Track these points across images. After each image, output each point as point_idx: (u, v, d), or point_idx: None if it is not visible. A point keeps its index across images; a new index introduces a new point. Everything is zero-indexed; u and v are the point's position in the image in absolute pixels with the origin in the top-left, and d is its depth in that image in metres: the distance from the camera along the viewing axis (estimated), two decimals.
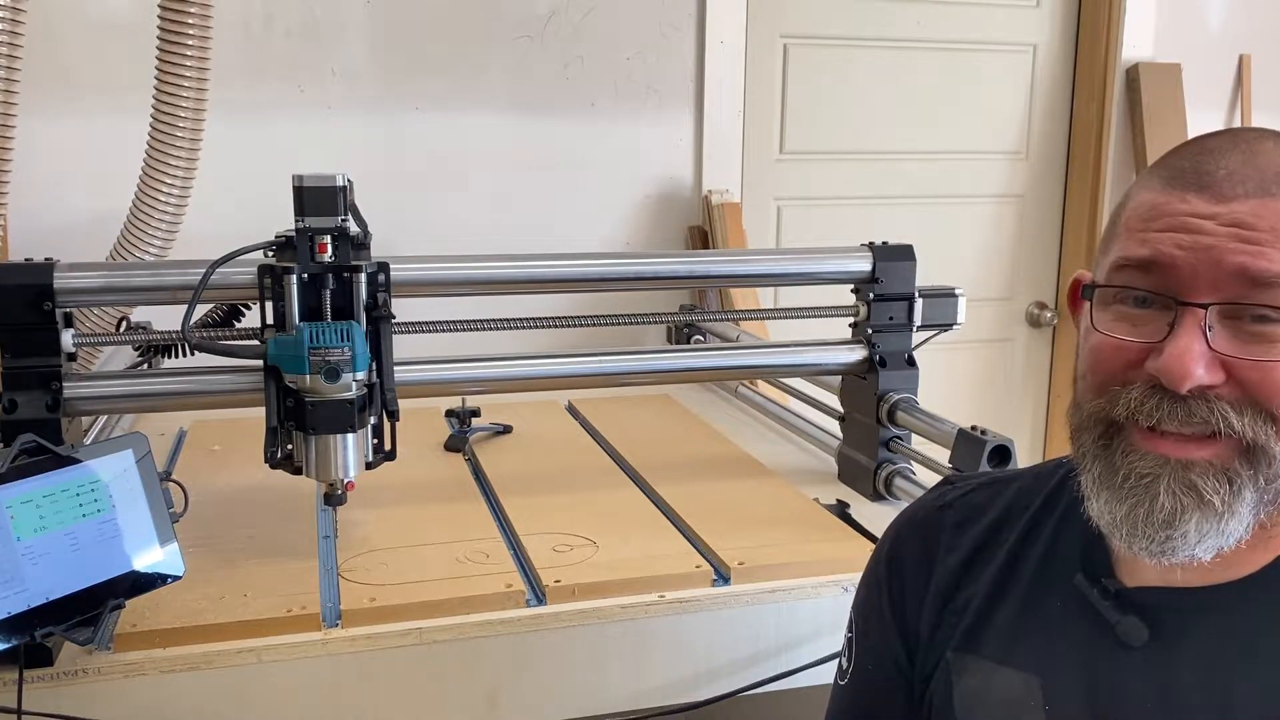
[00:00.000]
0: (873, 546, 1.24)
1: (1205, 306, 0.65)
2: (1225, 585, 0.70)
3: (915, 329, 1.46)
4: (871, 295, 1.44)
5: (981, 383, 2.73)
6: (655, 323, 1.67)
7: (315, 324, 1.14)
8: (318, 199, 1.14)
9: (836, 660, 1.13)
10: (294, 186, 1.14)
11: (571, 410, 1.85)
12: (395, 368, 1.21)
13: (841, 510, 1.39)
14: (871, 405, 1.45)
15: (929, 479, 1.39)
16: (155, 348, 1.32)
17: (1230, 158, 0.68)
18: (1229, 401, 0.65)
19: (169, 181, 1.65)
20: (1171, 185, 0.68)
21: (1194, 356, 0.65)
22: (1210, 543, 0.66)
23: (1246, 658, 0.68)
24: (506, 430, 1.68)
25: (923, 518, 0.88)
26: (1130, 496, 0.67)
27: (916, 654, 0.84)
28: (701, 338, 2.04)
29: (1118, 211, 0.73)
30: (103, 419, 1.54)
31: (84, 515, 0.97)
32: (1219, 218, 0.65)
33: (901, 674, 0.85)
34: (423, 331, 1.32)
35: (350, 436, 1.17)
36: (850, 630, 0.91)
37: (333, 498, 1.20)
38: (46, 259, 1.18)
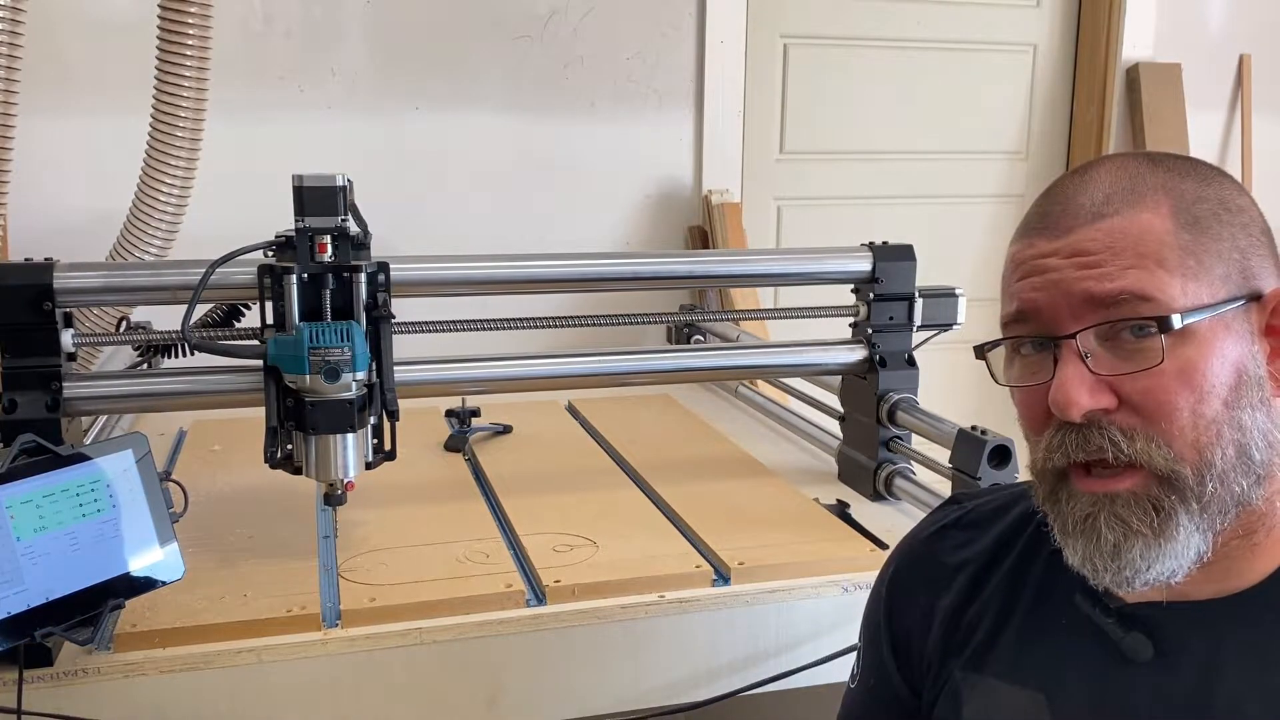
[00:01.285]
0: (872, 546, 1.24)
1: (1073, 336, 0.67)
2: (1227, 598, 0.70)
3: (915, 329, 1.46)
4: (871, 295, 1.44)
5: (981, 383, 2.71)
6: (655, 323, 1.67)
7: (315, 324, 1.14)
8: (318, 199, 1.14)
9: (835, 660, 1.14)
10: (294, 186, 1.14)
11: (571, 410, 1.85)
12: (395, 368, 1.21)
13: (841, 510, 1.39)
14: (871, 405, 1.45)
15: (929, 479, 1.40)
16: (155, 348, 1.32)
17: (1067, 192, 0.70)
18: (1119, 427, 0.66)
19: (169, 181, 1.65)
20: (1024, 234, 0.72)
21: (1074, 383, 0.66)
22: (1165, 566, 0.67)
23: (1252, 668, 0.68)
24: (506, 430, 1.68)
25: (923, 542, 0.88)
26: (1080, 537, 0.69)
27: (923, 680, 0.84)
28: (701, 338, 2.04)
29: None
30: (103, 419, 1.54)
31: (84, 515, 0.97)
32: (1060, 251, 0.68)
33: (899, 701, 0.86)
34: (423, 331, 1.32)
35: (350, 436, 1.17)
36: (860, 640, 0.91)
37: (333, 498, 1.20)
38: (46, 259, 1.18)
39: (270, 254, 1.17)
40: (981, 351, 0.75)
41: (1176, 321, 0.65)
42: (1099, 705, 0.72)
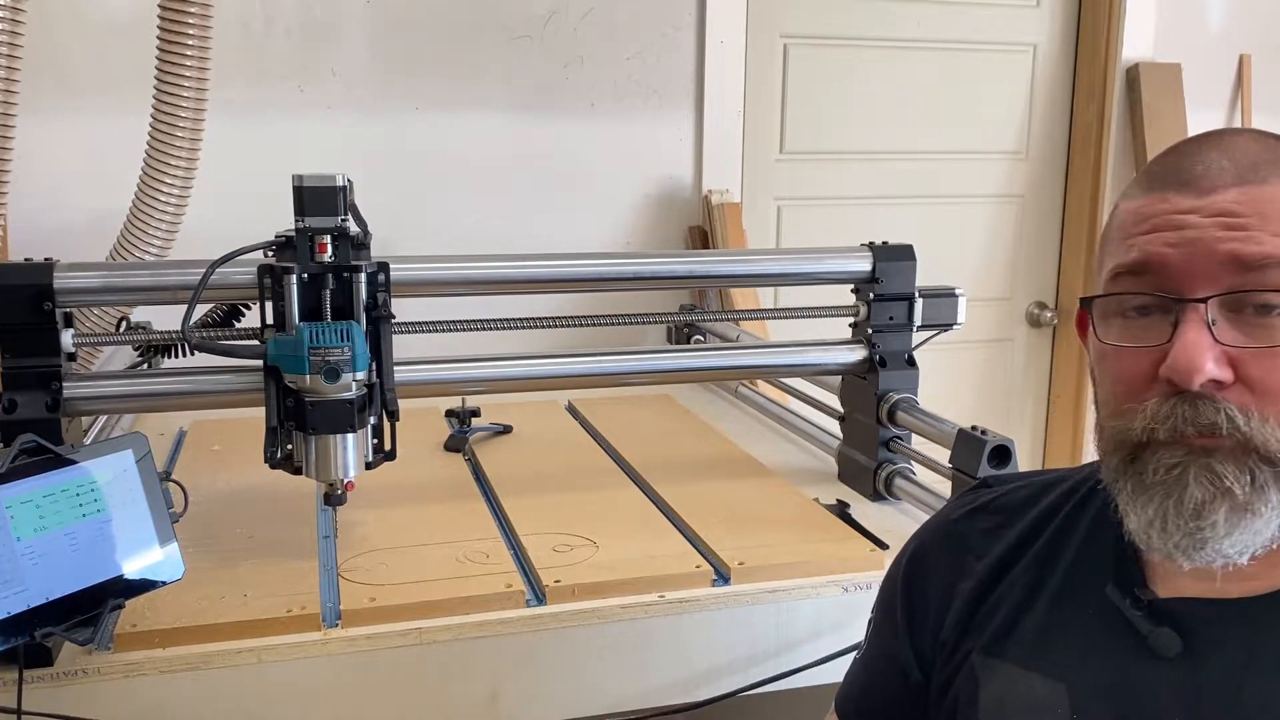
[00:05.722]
0: (872, 547, 1.24)
1: (1204, 300, 0.65)
2: (1261, 597, 0.69)
3: (915, 329, 1.46)
4: (871, 295, 1.44)
5: (981, 383, 2.73)
6: (655, 323, 1.67)
7: (315, 324, 1.14)
8: (318, 199, 1.14)
9: (835, 660, 1.14)
10: (294, 186, 1.14)
11: (571, 410, 1.85)
12: (395, 368, 1.21)
13: (841, 510, 1.39)
14: (871, 405, 1.45)
15: (929, 479, 1.40)
16: (155, 348, 1.32)
17: (1206, 154, 0.68)
18: (1236, 405, 0.64)
19: (169, 181, 1.65)
20: (1152, 189, 0.69)
21: (1202, 349, 0.64)
22: (1240, 539, 0.65)
23: None
24: (506, 430, 1.68)
25: (954, 522, 0.87)
26: (1159, 489, 0.66)
27: (934, 658, 0.83)
28: (701, 338, 2.04)
29: (1107, 226, 0.73)
30: (103, 419, 1.54)
31: (84, 515, 0.97)
32: (1202, 210, 0.66)
33: (905, 678, 0.85)
34: (423, 331, 1.32)
35: (350, 436, 1.17)
36: (873, 612, 0.92)
37: (333, 498, 1.20)
38: (46, 259, 1.18)
39: (270, 254, 1.17)
40: (1089, 304, 0.71)
41: None
42: (1120, 699, 0.71)
